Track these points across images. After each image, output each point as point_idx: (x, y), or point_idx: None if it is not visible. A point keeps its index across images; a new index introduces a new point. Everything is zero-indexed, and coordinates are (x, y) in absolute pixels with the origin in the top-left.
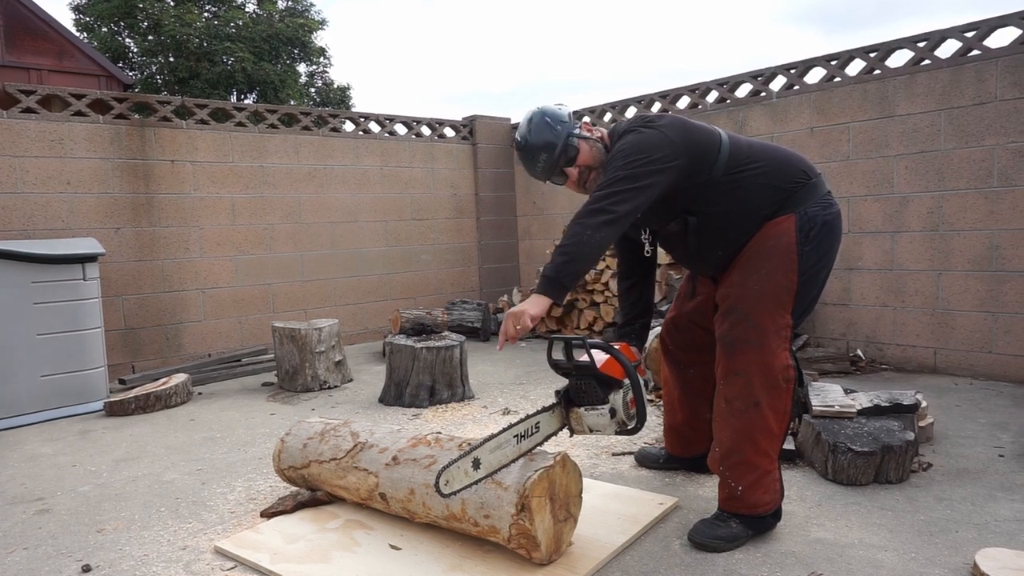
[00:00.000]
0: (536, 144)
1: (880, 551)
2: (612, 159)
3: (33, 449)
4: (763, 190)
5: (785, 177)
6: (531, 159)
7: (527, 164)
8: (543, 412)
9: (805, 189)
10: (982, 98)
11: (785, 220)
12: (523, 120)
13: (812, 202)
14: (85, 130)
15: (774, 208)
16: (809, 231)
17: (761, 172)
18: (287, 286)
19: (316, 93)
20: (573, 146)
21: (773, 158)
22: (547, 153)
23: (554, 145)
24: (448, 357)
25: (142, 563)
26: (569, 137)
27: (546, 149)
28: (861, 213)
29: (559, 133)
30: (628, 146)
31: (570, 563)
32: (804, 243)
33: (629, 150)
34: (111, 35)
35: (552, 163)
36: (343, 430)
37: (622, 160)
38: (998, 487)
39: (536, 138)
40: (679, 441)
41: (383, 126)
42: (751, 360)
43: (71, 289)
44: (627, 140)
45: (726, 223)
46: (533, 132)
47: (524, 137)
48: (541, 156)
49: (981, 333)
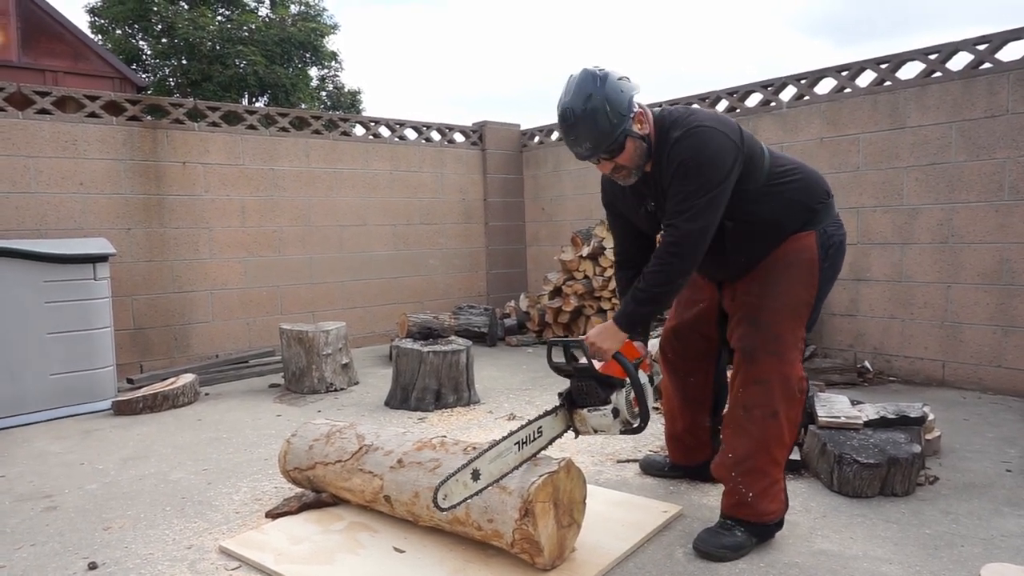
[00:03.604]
0: (584, 132)
1: (884, 564)
2: (685, 176)
3: (42, 447)
4: (795, 205)
5: (813, 195)
6: (573, 138)
7: (567, 138)
8: (546, 416)
9: (826, 208)
10: (993, 111)
11: (807, 236)
12: (578, 90)
13: (829, 221)
14: (98, 131)
15: (800, 224)
16: (828, 249)
17: (796, 186)
18: (295, 288)
19: (327, 97)
20: (620, 143)
21: (806, 172)
22: (592, 143)
23: (606, 138)
24: (454, 361)
25: (147, 561)
26: (621, 133)
27: (593, 139)
28: (870, 224)
29: (614, 127)
30: (696, 157)
31: (573, 569)
32: (824, 260)
33: (700, 162)
34: (125, 37)
35: (592, 153)
36: (349, 432)
37: (698, 180)
38: (1005, 502)
39: (587, 125)
40: (681, 449)
41: (393, 131)
42: (772, 370)
43: (82, 289)
44: (690, 148)
45: (756, 232)
46: (587, 116)
47: (574, 115)
48: (585, 144)
49: (990, 347)
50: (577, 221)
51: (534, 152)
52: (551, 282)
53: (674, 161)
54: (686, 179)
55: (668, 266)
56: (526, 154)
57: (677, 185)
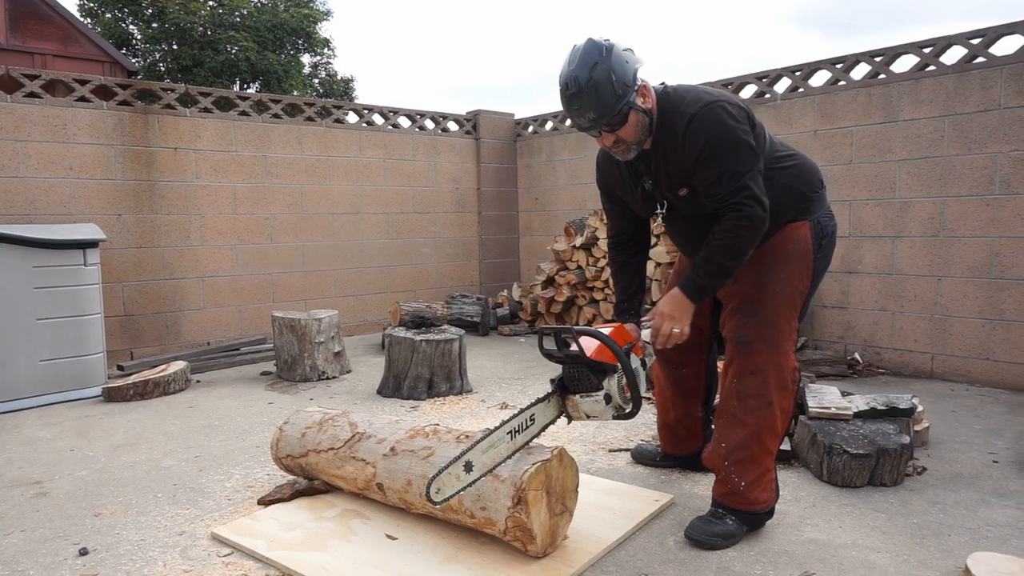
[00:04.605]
0: (588, 102)
1: (873, 552)
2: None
3: (31, 433)
4: (790, 192)
5: (809, 182)
6: (576, 108)
7: (569, 108)
8: (538, 404)
9: (819, 198)
10: (986, 105)
11: (802, 226)
12: (583, 59)
13: (822, 212)
14: (88, 116)
15: (795, 213)
16: (821, 240)
17: (793, 172)
18: (287, 276)
19: (319, 84)
20: (624, 116)
21: (802, 159)
22: (595, 114)
23: (609, 109)
24: (447, 350)
25: (139, 548)
26: (625, 105)
27: (596, 109)
28: (862, 217)
29: (619, 99)
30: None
31: (565, 556)
32: (817, 250)
33: (735, 137)
34: (115, 21)
35: (594, 124)
36: (341, 420)
37: (736, 153)
38: (991, 492)
39: (591, 95)
40: (672, 439)
41: (387, 119)
42: (768, 360)
43: (72, 274)
44: (718, 122)
45: None
46: (591, 87)
47: (578, 85)
48: (588, 114)
49: (979, 340)
50: (570, 211)
51: (528, 142)
52: (544, 272)
53: (699, 137)
54: (723, 155)
55: (741, 239)
56: (520, 143)
57: (716, 163)
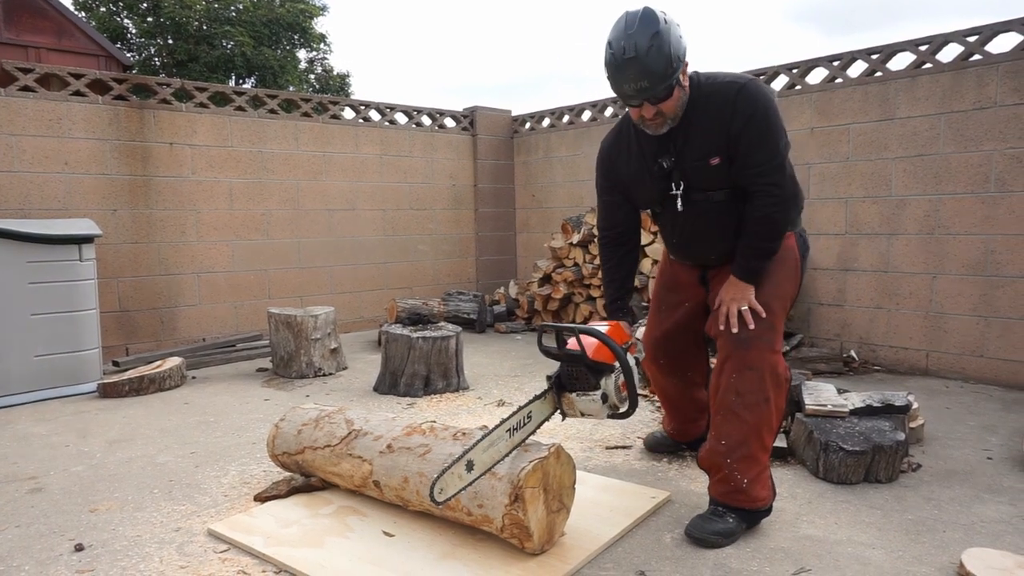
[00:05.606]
0: (642, 69)
1: (868, 549)
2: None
3: (26, 429)
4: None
5: (797, 196)
6: (630, 74)
7: (620, 74)
8: (534, 401)
9: (799, 213)
10: (982, 103)
11: (790, 236)
12: (644, 25)
13: (801, 227)
14: (84, 110)
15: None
16: (804, 251)
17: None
18: (284, 272)
19: (315, 80)
20: (670, 89)
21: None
22: (648, 82)
23: (661, 80)
24: (444, 347)
25: (135, 543)
26: (675, 78)
27: (650, 78)
28: (858, 214)
29: (670, 74)
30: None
31: (562, 553)
32: (802, 260)
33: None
34: (110, 15)
35: (644, 93)
36: (338, 417)
37: (775, 131)
38: (985, 489)
39: (646, 63)
40: (679, 428)
41: (383, 115)
42: (765, 357)
43: (67, 270)
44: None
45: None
46: (649, 54)
47: (636, 50)
48: (641, 82)
49: (973, 337)
50: (567, 208)
51: (525, 138)
52: (541, 269)
53: (751, 105)
54: (770, 126)
55: (778, 217)
56: (517, 140)
57: (764, 133)
